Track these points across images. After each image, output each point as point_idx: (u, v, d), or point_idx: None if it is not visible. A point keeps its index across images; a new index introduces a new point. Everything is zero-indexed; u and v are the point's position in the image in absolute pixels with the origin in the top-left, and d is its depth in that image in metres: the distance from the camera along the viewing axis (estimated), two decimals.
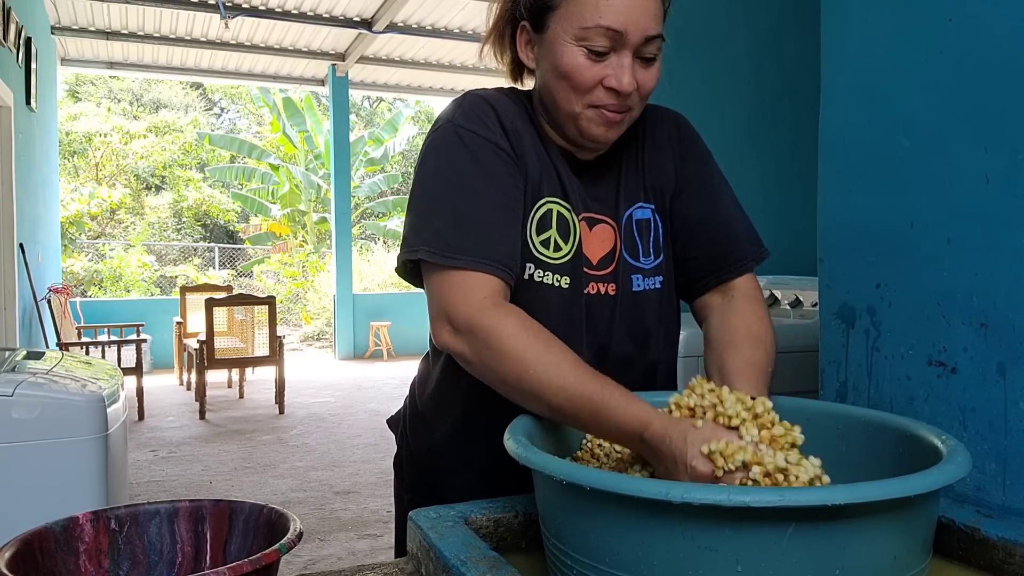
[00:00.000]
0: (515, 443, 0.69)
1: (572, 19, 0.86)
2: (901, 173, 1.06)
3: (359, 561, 3.10)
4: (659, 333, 1.01)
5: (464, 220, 0.86)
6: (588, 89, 0.88)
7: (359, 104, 19.31)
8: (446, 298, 0.84)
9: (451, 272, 0.84)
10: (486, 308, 0.82)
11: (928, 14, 1.02)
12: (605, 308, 0.96)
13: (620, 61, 0.87)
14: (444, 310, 0.84)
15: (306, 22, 7.63)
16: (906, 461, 0.71)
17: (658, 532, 0.56)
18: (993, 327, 0.94)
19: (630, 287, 0.98)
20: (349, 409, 6.32)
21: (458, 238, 0.85)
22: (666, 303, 1.02)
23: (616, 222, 0.98)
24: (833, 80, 1.18)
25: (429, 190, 0.90)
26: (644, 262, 0.99)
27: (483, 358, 0.81)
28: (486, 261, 0.84)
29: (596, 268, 0.97)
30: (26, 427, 1.80)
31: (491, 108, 0.94)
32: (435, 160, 0.91)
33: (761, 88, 3.20)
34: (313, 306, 12.76)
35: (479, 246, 0.85)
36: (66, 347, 5.66)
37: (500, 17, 0.98)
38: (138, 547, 0.72)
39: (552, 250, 0.94)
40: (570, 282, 0.94)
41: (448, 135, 0.91)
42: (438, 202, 0.88)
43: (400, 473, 1.15)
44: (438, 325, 0.85)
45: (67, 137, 15.14)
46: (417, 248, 0.86)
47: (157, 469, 4.48)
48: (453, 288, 0.84)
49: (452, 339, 0.83)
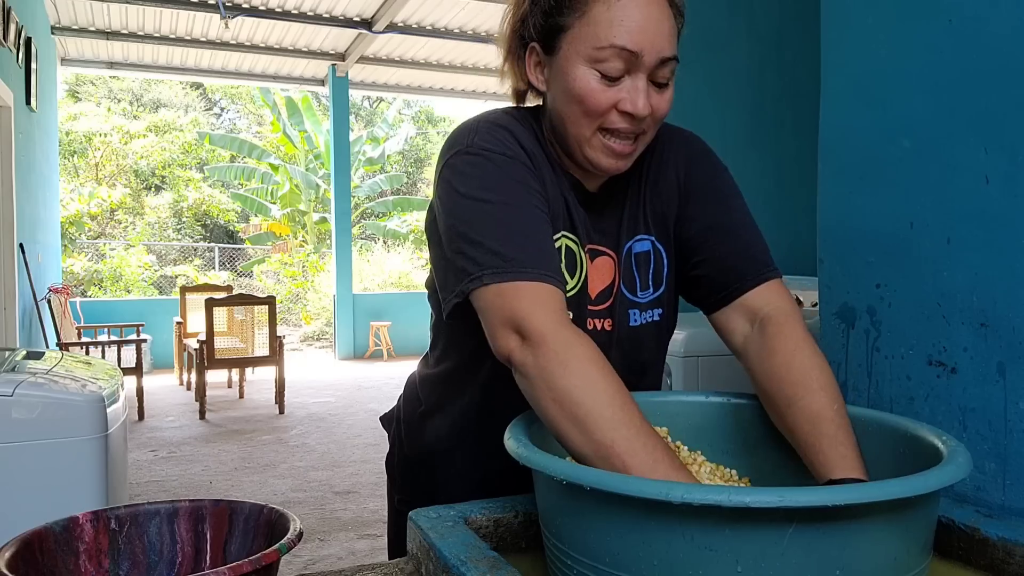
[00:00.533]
0: (515, 442, 0.69)
1: (585, 40, 0.83)
2: (901, 174, 1.06)
3: (359, 561, 3.10)
4: (657, 364, 1.00)
5: (517, 235, 0.82)
6: (601, 113, 0.85)
7: (359, 104, 19.32)
8: (518, 307, 0.77)
9: (519, 284, 0.78)
10: (564, 321, 0.78)
11: (928, 14, 1.02)
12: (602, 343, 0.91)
13: (635, 84, 0.83)
14: (515, 318, 0.77)
15: (306, 22, 7.63)
16: (906, 461, 0.71)
17: (658, 532, 0.56)
18: (993, 327, 0.94)
19: (627, 322, 0.95)
20: (349, 409, 6.32)
21: (517, 252, 0.80)
22: (664, 333, 1.00)
23: (617, 255, 0.96)
24: (833, 81, 1.18)
25: (471, 217, 0.84)
26: (641, 296, 0.96)
27: (548, 371, 0.74)
28: (549, 273, 0.80)
29: (594, 303, 0.94)
30: (26, 427, 1.80)
31: (508, 132, 0.90)
32: (465, 185, 0.85)
33: (761, 89, 3.20)
34: (313, 306, 12.76)
35: (539, 259, 0.80)
36: (66, 347, 5.66)
37: (511, 40, 0.93)
38: (138, 547, 0.72)
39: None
40: (574, 317, 0.91)
41: (473, 159, 0.87)
42: (486, 224, 0.82)
43: (392, 474, 1.15)
44: (504, 334, 0.78)
45: (67, 137, 15.14)
46: (480, 274, 0.80)
47: (157, 469, 4.48)
48: (525, 298, 0.78)
49: (519, 348, 0.77)
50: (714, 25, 3.36)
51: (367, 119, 19.11)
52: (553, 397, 0.73)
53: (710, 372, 2.26)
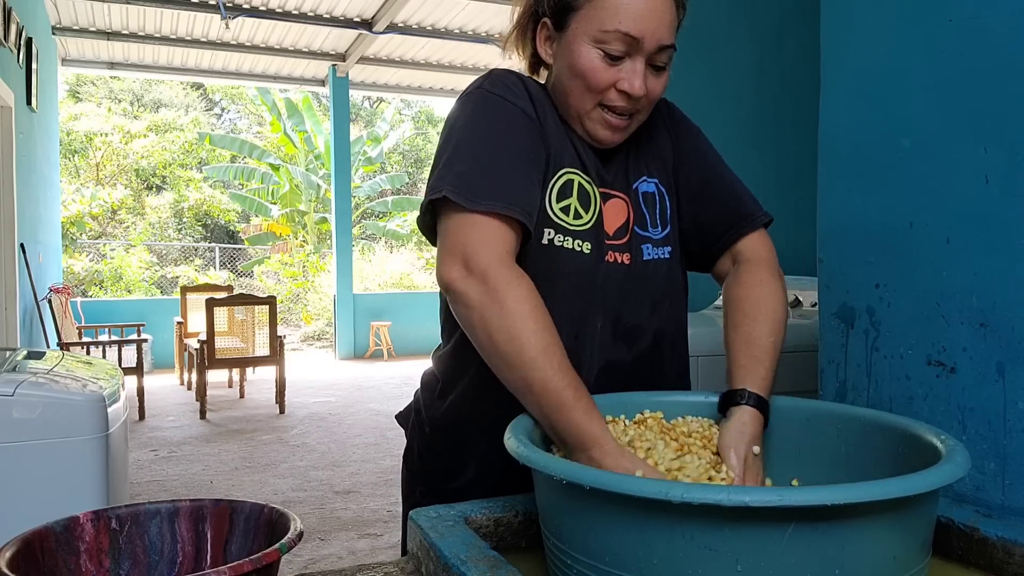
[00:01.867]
0: (516, 442, 0.69)
1: (592, 21, 0.91)
2: (900, 173, 1.06)
3: (359, 560, 3.10)
4: (665, 302, 1.04)
5: (488, 167, 0.89)
6: (601, 90, 0.93)
7: (359, 104, 19.32)
8: (469, 240, 0.85)
9: (474, 215, 0.86)
10: (506, 261, 0.84)
11: (928, 14, 1.02)
12: (620, 276, 0.99)
13: (634, 66, 0.91)
14: (463, 251, 0.84)
15: (306, 22, 7.63)
16: (905, 461, 0.71)
17: (658, 532, 0.56)
18: (992, 327, 0.94)
19: (641, 256, 1.01)
20: (349, 409, 6.32)
21: (481, 182, 0.87)
22: (673, 273, 1.05)
23: (627, 196, 1.03)
24: (833, 80, 1.18)
25: (454, 142, 0.92)
26: (652, 232, 1.03)
27: (485, 307, 0.81)
28: (510, 206, 0.86)
29: (613, 238, 1.00)
30: (27, 427, 1.81)
31: (519, 79, 0.98)
32: (462, 118, 0.94)
33: (761, 88, 3.20)
34: (313, 306, 12.76)
35: (502, 192, 0.87)
36: (67, 347, 5.66)
37: (524, 13, 1.02)
38: (139, 547, 0.72)
39: (572, 217, 0.97)
40: (591, 248, 0.97)
41: (477, 98, 0.95)
42: (463, 151, 0.91)
43: (412, 468, 1.15)
44: (450, 262, 0.85)
45: (68, 137, 15.14)
46: (441, 188, 0.87)
47: (158, 469, 4.48)
48: (477, 231, 0.85)
49: (462, 279, 0.84)
50: (715, 24, 3.36)
51: (367, 119, 19.11)
52: (487, 331, 0.81)
53: (710, 372, 2.26)
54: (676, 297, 1.06)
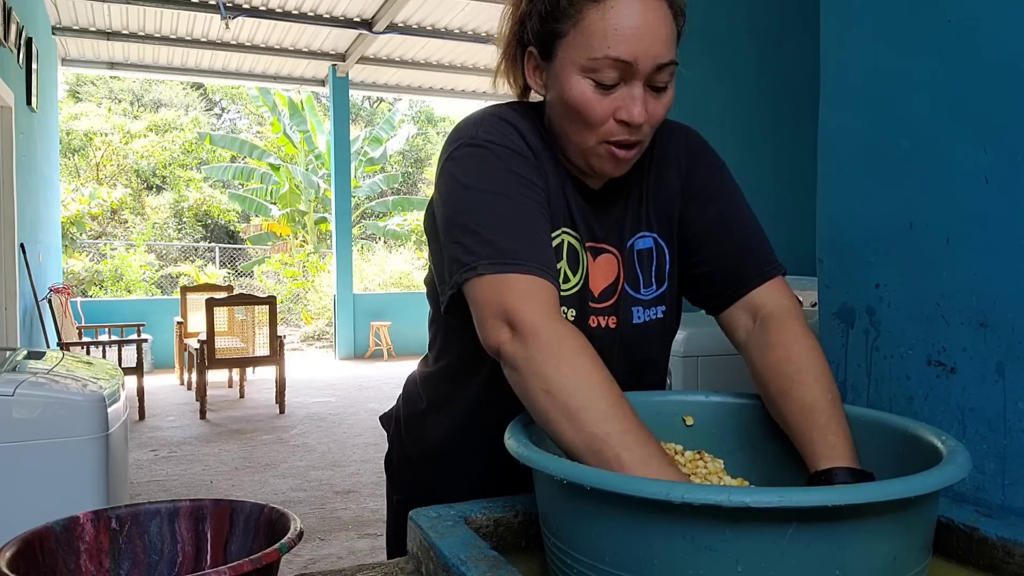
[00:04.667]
0: (516, 442, 0.69)
1: (580, 49, 0.82)
2: (900, 173, 1.06)
3: (359, 560, 3.10)
4: (659, 362, 1.00)
5: (513, 227, 0.82)
6: (599, 123, 0.84)
7: (359, 104, 19.32)
8: (510, 299, 0.77)
9: (511, 276, 0.78)
10: (555, 315, 0.78)
11: (927, 15, 1.02)
12: (606, 341, 0.93)
13: (631, 92, 0.83)
14: (506, 311, 0.77)
15: (306, 23, 7.63)
16: (906, 461, 0.71)
17: (658, 532, 0.56)
18: (992, 327, 0.94)
19: (630, 320, 0.95)
20: (349, 409, 6.32)
21: (512, 244, 0.80)
22: (668, 331, 0.99)
23: (620, 252, 0.95)
24: (832, 80, 1.18)
25: (467, 205, 0.84)
26: (644, 293, 0.96)
27: (540, 362, 0.73)
28: (544, 267, 0.80)
29: (598, 301, 0.94)
30: (27, 427, 1.80)
31: (512, 126, 0.90)
32: (466, 176, 0.86)
33: (760, 88, 3.20)
34: (313, 306, 12.76)
35: (532, 252, 0.80)
36: (67, 347, 5.66)
37: (509, 42, 0.93)
38: (139, 547, 0.72)
39: (562, 281, 0.91)
40: (576, 314, 0.92)
41: (475, 151, 0.87)
42: (482, 215, 0.82)
43: (391, 473, 1.15)
44: (494, 326, 0.78)
45: (67, 137, 15.14)
46: (475, 264, 0.80)
47: (158, 469, 4.48)
48: (516, 290, 0.77)
49: (510, 340, 0.76)
50: (714, 25, 3.36)
51: (367, 119, 19.11)
52: (545, 388, 0.72)
53: (710, 372, 2.26)
54: (663, 359, 1.02)
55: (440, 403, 1.05)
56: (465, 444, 1.03)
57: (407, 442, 1.11)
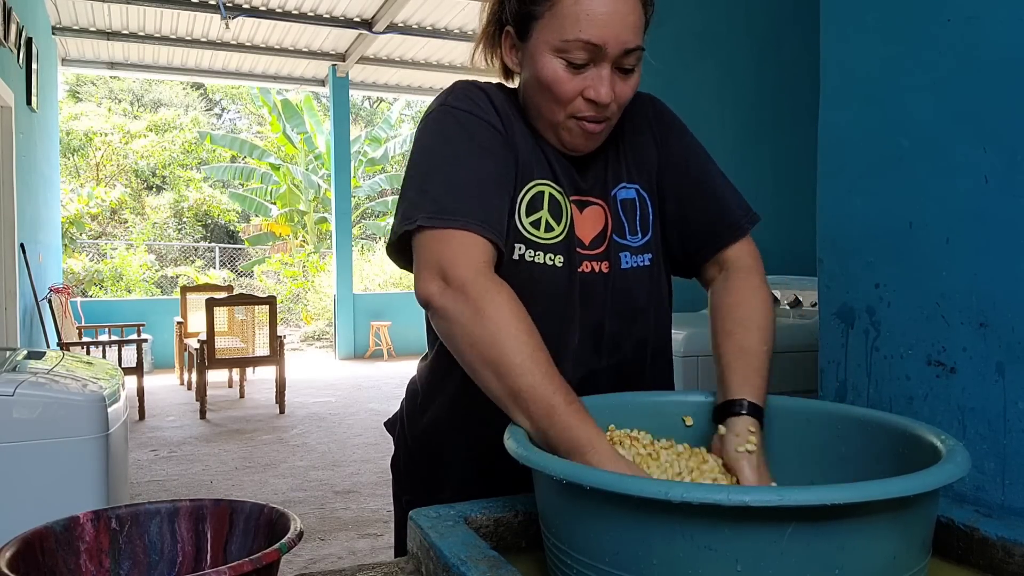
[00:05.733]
0: (515, 443, 0.69)
1: (553, 31, 0.88)
2: (900, 173, 1.06)
3: (359, 560, 3.10)
4: (648, 310, 1.02)
5: (459, 186, 0.87)
6: (568, 100, 0.90)
7: (359, 104, 19.31)
8: (444, 254, 0.83)
9: (449, 231, 0.84)
10: (485, 272, 0.83)
11: (927, 14, 1.02)
12: (598, 286, 0.97)
13: (599, 73, 0.89)
14: (440, 265, 0.83)
15: (306, 22, 7.63)
16: (905, 461, 0.71)
17: (658, 532, 0.56)
18: (992, 327, 0.94)
19: (619, 264, 0.99)
20: (349, 409, 6.32)
21: (454, 202, 0.86)
22: (655, 281, 1.03)
23: (605, 203, 1.00)
24: (832, 80, 1.18)
25: (423, 165, 0.91)
26: (631, 240, 1.00)
27: (466, 318, 0.80)
28: (483, 224, 0.85)
29: (588, 248, 0.98)
30: (27, 427, 1.81)
31: (482, 92, 0.96)
32: (429, 138, 0.93)
33: (760, 88, 3.20)
34: (313, 306, 12.76)
35: (475, 210, 0.86)
36: (67, 347, 5.66)
37: (489, 21, 0.99)
38: (139, 547, 0.72)
39: (544, 231, 0.95)
40: (564, 261, 0.95)
41: (441, 115, 0.93)
42: (433, 173, 0.89)
43: (398, 475, 1.15)
44: (428, 278, 0.84)
45: (67, 137, 15.14)
46: (415, 217, 0.86)
47: (158, 469, 4.48)
48: (451, 246, 0.84)
49: (440, 294, 0.82)
50: (713, 25, 3.36)
51: (367, 119, 19.11)
52: (470, 342, 0.79)
53: (710, 372, 2.26)
54: (660, 306, 1.04)
55: (435, 392, 1.06)
56: (462, 430, 1.03)
57: (409, 437, 1.11)
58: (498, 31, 0.98)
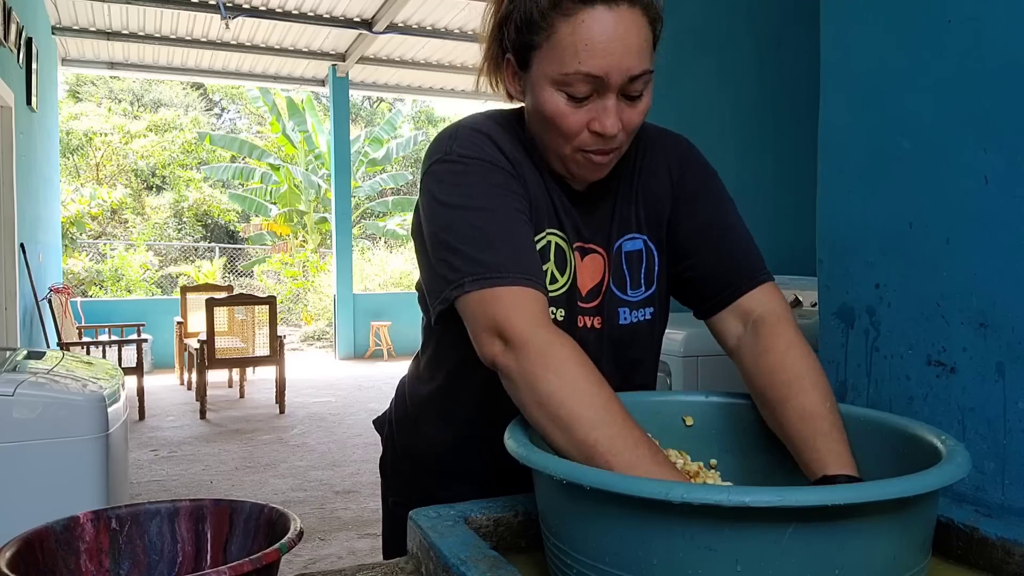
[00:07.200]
0: (515, 443, 0.69)
1: (552, 63, 0.82)
2: (900, 174, 1.06)
3: (359, 560, 3.10)
4: (647, 362, 1.00)
5: (496, 241, 0.82)
6: (574, 135, 0.85)
7: (359, 104, 19.31)
8: (499, 312, 0.78)
9: (499, 290, 0.79)
10: (544, 323, 0.78)
11: (927, 14, 1.02)
12: (592, 341, 0.94)
13: (604, 104, 0.83)
14: (496, 324, 0.78)
15: (306, 22, 7.63)
16: (905, 461, 0.71)
17: (658, 532, 0.56)
18: (992, 327, 0.94)
19: (616, 320, 0.95)
20: (349, 409, 6.32)
21: (497, 258, 0.81)
22: (656, 334, 1.00)
23: (607, 253, 0.96)
24: (832, 80, 1.18)
25: (450, 225, 0.85)
26: (632, 295, 0.96)
27: (531, 373, 0.74)
28: (529, 277, 0.80)
29: (584, 300, 0.94)
30: (27, 427, 1.81)
31: (488, 138, 0.90)
32: (444, 193, 0.86)
33: (761, 89, 3.20)
34: (313, 306, 12.76)
35: (516, 262, 0.81)
36: (67, 347, 5.66)
37: (490, 45, 0.94)
38: (139, 546, 0.72)
39: (549, 282, 0.91)
40: (565, 315, 0.92)
41: (452, 166, 0.87)
42: (464, 232, 0.83)
43: (385, 476, 1.15)
44: (487, 340, 0.79)
45: (67, 137, 15.14)
46: (461, 281, 0.81)
47: (158, 469, 4.48)
48: (504, 303, 0.78)
49: (502, 352, 0.77)
50: (713, 25, 3.36)
51: (367, 119, 19.11)
52: (536, 400, 0.73)
53: (710, 372, 2.26)
54: (652, 358, 1.02)
55: (433, 408, 1.05)
56: (460, 449, 1.03)
57: (399, 445, 1.11)
58: (501, 55, 0.92)
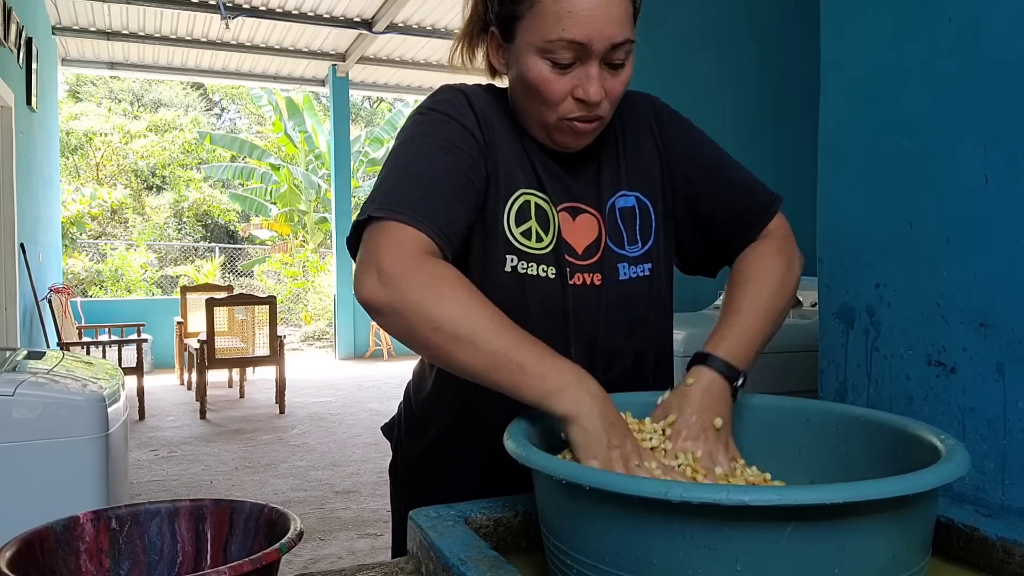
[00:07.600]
0: (515, 443, 0.69)
1: (536, 31, 0.85)
2: (900, 173, 1.06)
3: (359, 560, 3.10)
4: (647, 320, 0.99)
5: (411, 179, 0.85)
6: (558, 102, 0.87)
7: (359, 104, 19.32)
8: (379, 247, 0.79)
9: (388, 223, 0.80)
10: (421, 258, 0.78)
11: (927, 14, 1.02)
12: (591, 298, 0.94)
13: (587, 71, 0.85)
14: (373, 258, 0.78)
15: (306, 22, 7.63)
16: (905, 460, 0.71)
17: (657, 531, 0.56)
18: (992, 327, 0.94)
19: (616, 276, 0.95)
20: (349, 409, 6.32)
21: (402, 195, 0.83)
22: (656, 290, 1.00)
23: (599, 212, 0.97)
24: (832, 80, 1.18)
25: (390, 164, 0.89)
26: (630, 250, 0.97)
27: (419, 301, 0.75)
28: (425, 221, 0.81)
29: (581, 258, 0.95)
30: (27, 427, 1.81)
31: (464, 96, 0.94)
32: (400, 138, 0.91)
33: (760, 87, 3.20)
34: (313, 306, 12.76)
35: (420, 205, 0.82)
36: (67, 347, 5.66)
37: (470, 21, 0.98)
38: (139, 546, 0.72)
39: (534, 241, 0.92)
40: (555, 272, 0.93)
41: (419, 117, 0.92)
42: (394, 169, 0.87)
43: (396, 480, 1.15)
44: (363, 275, 0.79)
45: (67, 137, 15.15)
46: (367, 210, 0.83)
47: (158, 469, 4.48)
48: (386, 237, 0.79)
49: (376, 288, 0.77)
50: (714, 24, 3.36)
51: (368, 119, 19.11)
52: (432, 325, 0.75)
53: None
54: (659, 315, 1.01)
55: (436, 399, 1.05)
56: (464, 438, 1.03)
57: (407, 445, 1.11)
58: (480, 31, 0.96)
